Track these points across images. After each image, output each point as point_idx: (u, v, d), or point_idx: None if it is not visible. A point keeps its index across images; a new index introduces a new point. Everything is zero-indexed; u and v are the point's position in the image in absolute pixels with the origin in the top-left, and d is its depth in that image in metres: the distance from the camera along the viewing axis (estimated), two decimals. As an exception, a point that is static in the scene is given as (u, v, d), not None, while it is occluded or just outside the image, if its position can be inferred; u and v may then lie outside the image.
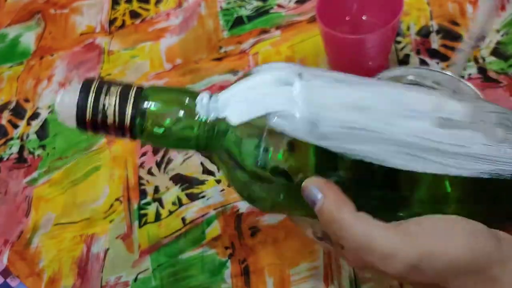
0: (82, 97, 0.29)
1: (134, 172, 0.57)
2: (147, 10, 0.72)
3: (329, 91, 0.29)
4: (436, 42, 0.56)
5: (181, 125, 0.30)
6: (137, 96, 0.29)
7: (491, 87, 0.52)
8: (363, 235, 0.26)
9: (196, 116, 0.30)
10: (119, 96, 0.29)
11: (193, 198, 0.53)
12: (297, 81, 0.29)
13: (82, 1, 0.77)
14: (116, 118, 0.29)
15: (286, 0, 0.66)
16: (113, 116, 0.29)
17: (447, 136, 0.28)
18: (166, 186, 0.54)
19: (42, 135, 0.64)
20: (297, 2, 0.65)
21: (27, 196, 0.59)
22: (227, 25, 0.66)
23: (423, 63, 0.55)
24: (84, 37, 0.72)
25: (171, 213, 0.53)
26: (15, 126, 0.66)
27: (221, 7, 0.68)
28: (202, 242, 0.50)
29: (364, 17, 0.56)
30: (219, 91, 0.31)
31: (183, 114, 0.30)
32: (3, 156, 0.64)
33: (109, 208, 0.55)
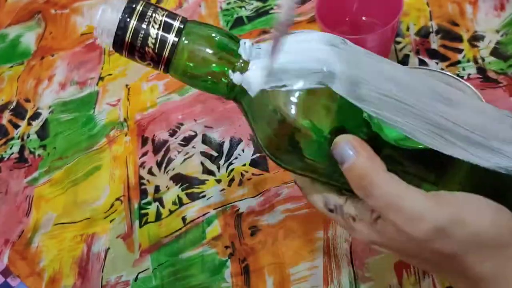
0: (125, 18, 0.28)
1: (135, 172, 0.57)
2: (148, 10, 0.72)
3: (370, 60, 0.30)
4: (435, 43, 0.56)
5: (220, 64, 0.29)
6: (180, 29, 0.29)
7: (491, 87, 0.52)
8: (395, 194, 0.26)
9: (237, 57, 0.29)
10: (163, 25, 0.28)
11: (193, 197, 0.53)
12: (342, 43, 0.30)
13: (82, 1, 0.77)
14: (156, 48, 0.29)
15: (286, 1, 0.66)
16: (153, 45, 0.28)
17: (474, 125, 0.29)
18: (167, 186, 0.55)
19: (42, 135, 0.64)
20: (297, 3, 0.65)
21: (27, 195, 0.59)
22: (227, 26, 0.66)
23: (422, 63, 0.55)
24: (85, 37, 0.72)
25: (171, 212, 0.53)
26: (16, 126, 0.66)
27: (221, 7, 0.68)
28: (202, 241, 0.50)
29: (364, 18, 0.56)
30: None
31: (224, 53, 0.29)
32: (3, 156, 0.64)
33: (110, 208, 0.55)
